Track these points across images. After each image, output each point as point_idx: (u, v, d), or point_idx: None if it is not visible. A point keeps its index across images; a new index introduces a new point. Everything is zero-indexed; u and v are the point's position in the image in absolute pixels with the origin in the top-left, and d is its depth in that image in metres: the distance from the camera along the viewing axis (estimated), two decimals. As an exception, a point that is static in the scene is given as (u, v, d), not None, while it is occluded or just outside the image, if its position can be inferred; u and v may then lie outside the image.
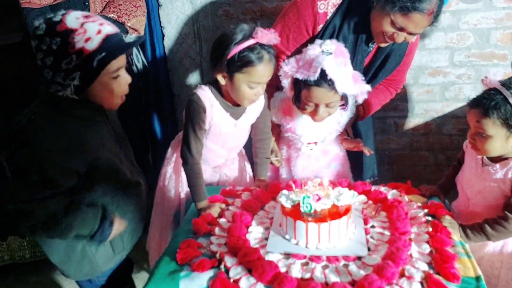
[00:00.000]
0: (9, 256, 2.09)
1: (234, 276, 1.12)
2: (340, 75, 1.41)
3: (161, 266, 1.21)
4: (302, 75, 1.43)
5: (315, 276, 1.12)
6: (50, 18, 1.10)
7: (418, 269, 1.12)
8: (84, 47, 1.07)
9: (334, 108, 1.53)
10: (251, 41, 1.37)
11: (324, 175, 1.69)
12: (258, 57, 1.36)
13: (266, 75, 1.42)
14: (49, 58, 1.08)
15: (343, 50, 1.49)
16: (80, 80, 1.09)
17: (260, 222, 1.38)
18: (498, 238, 1.29)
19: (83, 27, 1.08)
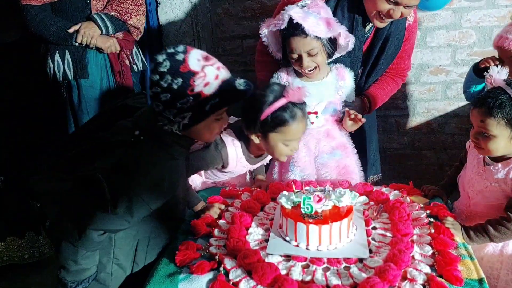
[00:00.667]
0: (8, 256, 2.08)
1: (234, 279, 1.11)
2: (308, 19, 1.47)
3: (160, 268, 1.19)
4: (274, 26, 1.54)
5: (316, 278, 1.10)
6: (173, 55, 1.08)
7: (421, 272, 1.10)
8: (202, 91, 1.07)
9: (319, 57, 1.57)
10: (283, 100, 1.35)
11: (327, 161, 1.66)
12: (291, 116, 1.36)
13: (300, 132, 1.42)
14: (166, 95, 1.07)
15: (320, 4, 1.55)
16: (189, 120, 1.10)
17: (260, 223, 1.36)
18: (501, 240, 1.27)
19: (204, 70, 1.08)
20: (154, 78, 1.08)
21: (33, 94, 2.23)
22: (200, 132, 1.17)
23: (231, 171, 1.56)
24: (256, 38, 2.20)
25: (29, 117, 2.22)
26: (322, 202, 1.24)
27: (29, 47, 2.78)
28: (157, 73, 1.07)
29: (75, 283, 1.16)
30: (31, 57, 2.63)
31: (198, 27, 2.30)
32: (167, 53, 1.08)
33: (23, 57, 2.69)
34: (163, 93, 1.07)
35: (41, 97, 2.20)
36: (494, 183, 1.29)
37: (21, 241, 2.07)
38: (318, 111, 1.67)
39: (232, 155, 1.48)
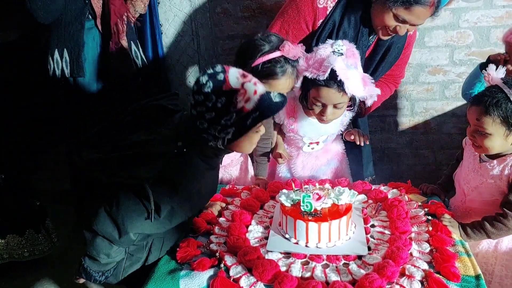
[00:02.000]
0: (8, 254, 2.07)
1: (235, 275, 1.12)
2: (350, 77, 1.40)
3: (161, 265, 1.20)
4: (311, 74, 1.42)
5: (316, 275, 1.12)
6: (214, 76, 1.11)
7: (419, 268, 1.12)
8: (244, 106, 1.11)
9: (342, 110, 1.51)
10: (277, 53, 1.36)
11: (324, 173, 1.68)
12: (282, 70, 1.37)
13: (286, 88, 1.42)
14: (211, 113, 1.11)
15: (354, 52, 1.48)
16: (232, 135, 1.14)
17: (260, 221, 1.38)
18: (498, 236, 1.28)
19: (244, 87, 1.11)
20: (199, 98, 1.11)
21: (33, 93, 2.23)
22: (241, 145, 1.21)
23: None
24: (255, 37, 2.21)
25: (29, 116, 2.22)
26: (321, 200, 1.25)
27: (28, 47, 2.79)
28: (202, 94, 1.10)
29: (99, 274, 1.21)
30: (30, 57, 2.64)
31: (197, 26, 2.30)
32: (208, 74, 1.11)
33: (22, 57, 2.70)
34: (208, 112, 1.11)
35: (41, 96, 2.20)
36: (490, 179, 1.31)
37: (21, 239, 2.07)
38: (320, 141, 1.70)
39: None
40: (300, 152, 1.73)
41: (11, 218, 2.03)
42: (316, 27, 1.65)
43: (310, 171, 1.72)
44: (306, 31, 1.67)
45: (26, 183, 2.09)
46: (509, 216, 1.24)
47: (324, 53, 1.44)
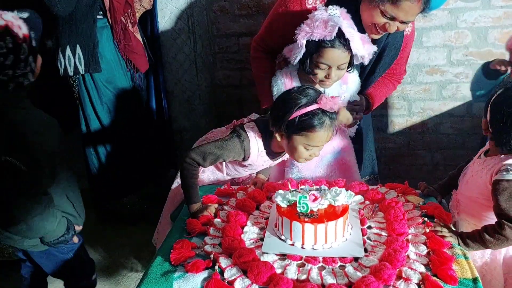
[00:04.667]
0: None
1: (229, 277, 1.10)
2: (354, 35, 1.46)
3: (154, 267, 1.18)
4: (318, 36, 1.45)
5: (311, 277, 1.10)
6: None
7: (416, 271, 1.10)
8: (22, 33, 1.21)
9: (343, 71, 1.57)
10: (315, 106, 1.35)
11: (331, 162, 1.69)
12: (319, 123, 1.35)
13: (324, 140, 1.40)
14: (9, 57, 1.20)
15: (347, 14, 1.52)
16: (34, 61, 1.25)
17: (255, 222, 1.36)
18: (498, 246, 1.24)
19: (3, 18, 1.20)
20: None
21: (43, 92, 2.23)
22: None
23: (252, 164, 1.53)
24: (252, 36, 2.20)
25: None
26: (317, 201, 1.23)
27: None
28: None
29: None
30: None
31: (194, 24, 2.29)
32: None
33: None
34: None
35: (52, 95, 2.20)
36: (475, 176, 1.32)
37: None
38: None
39: (253, 147, 1.47)
40: None
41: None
42: None
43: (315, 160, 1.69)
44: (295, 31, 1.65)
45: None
46: (505, 226, 1.19)
47: (322, 16, 1.47)
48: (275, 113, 1.41)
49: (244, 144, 1.46)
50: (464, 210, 1.38)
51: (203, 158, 1.44)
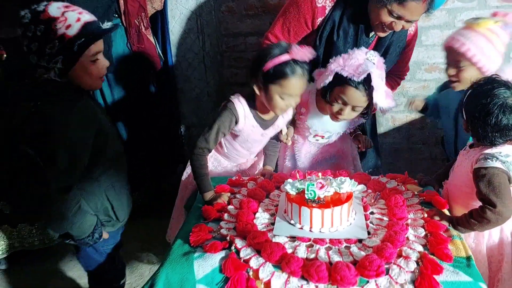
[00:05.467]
0: (19, 243, 2.15)
1: (245, 257, 1.21)
2: (380, 86, 1.53)
3: (175, 249, 1.29)
4: (347, 73, 1.51)
5: (320, 256, 1.20)
6: (35, 8, 1.21)
7: (414, 250, 1.21)
8: (65, 33, 1.19)
9: (357, 113, 1.62)
10: (286, 56, 1.46)
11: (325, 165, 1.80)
12: (291, 70, 1.46)
13: (298, 88, 1.51)
14: (35, 44, 1.19)
15: (383, 65, 1.59)
16: (62, 64, 1.21)
17: (266, 209, 1.46)
18: (482, 229, 1.35)
19: (64, 15, 1.21)
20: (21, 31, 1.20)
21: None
22: (80, 77, 1.27)
23: (242, 131, 1.63)
24: (258, 35, 2.30)
25: None
26: (324, 189, 1.33)
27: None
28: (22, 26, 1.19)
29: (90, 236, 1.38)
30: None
31: (202, 24, 2.39)
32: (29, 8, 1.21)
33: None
34: (31, 43, 1.19)
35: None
36: (461, 165, 1.42)
37: (32, 228, 2.14)
38: (325, 136, 1.80)
39: (239, 108, 1.58)
40: (306, 141, 1.83)
41: (23, 209, 2.10)
42: (315, 25, 1.74)
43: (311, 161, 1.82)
44: (306, 29, 1.76)
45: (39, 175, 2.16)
46: (486, 209, 1.28)
47: (359, 57, 1.53)
48: (252, 66, 1.54)
49: (231, 109, 1.58)
50: (452, 199, 1.47)
51: (206, 141, 1.57)
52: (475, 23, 1.52)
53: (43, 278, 2.13)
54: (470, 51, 1.50)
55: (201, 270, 1.19)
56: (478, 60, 1.51)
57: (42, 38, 1.18)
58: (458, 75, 1.57)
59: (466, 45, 1.51)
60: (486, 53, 1.50)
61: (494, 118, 1.29)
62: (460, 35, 1.54)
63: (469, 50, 1.50)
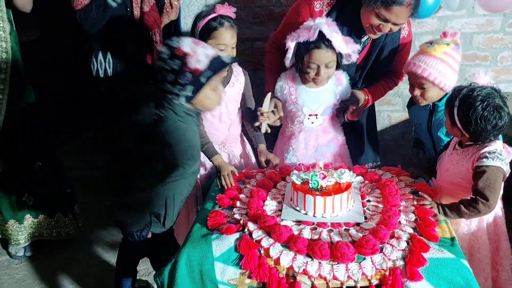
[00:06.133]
0: (38, 232, 2.29)
1: (257, 237, 1.37)
2: (334, 36, 1.73)
3: (195, 231, 1.45)
4: (303, 38, 1.74)
5: (322, 237, 1.37)
6: (170, 45, 1.41)
7: (405, 232, 1.37)
8: (197, 67, 1.40)
9: (332, 69, 1.82)
10: (212, 14, 1.78)
11: (323, 154, 1.95)
12: (219, 23, 1.77)
13: (230, 37, 1.80)
14: (171, 75, 1.40)
15: (332, 23, 1.79)
16: (192, 92, 1.43)
17: (274, 197, 1.63)
18: (470, 217, 1.52)
19: (195, 51, 1.40)
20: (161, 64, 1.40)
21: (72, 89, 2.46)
22: (202, 101, 1.48)
23: None
24: (264, 40, 2.45)
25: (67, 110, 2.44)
26: (326, 179, 1.50)
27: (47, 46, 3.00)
28: (161, 60, 1.40)
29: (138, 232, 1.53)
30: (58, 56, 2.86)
31: (212, 30, 2.55)
32: (165, 44, 1.43)
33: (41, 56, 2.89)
34: (168, 74, 1.39)
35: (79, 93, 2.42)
36: (456, 164, 1.57)
37: (51, 220, 2.29)
38: (318, 113, 1.94)
39: None
40: (302, 128, 1.96)
41: (44, 201, 2.26)
42: None
43: (311, 150, 1.97)
44: None
45: (60, 170, 2.32)
46: (479, 202, 1.45)
47: (309, 24, 1.76)
48: (191, 31, 1.84)
49: None
50: (446, 193, 1.62)
51: None
52: (431, 48, 1.70)
53: (65, 265, 2.28)
54: (431, 75, 1.69)
55: (218, 249, 1.35)
56: (440, 82, 1.70)
57: (177, 71, 1.38)
58: (423, 94, 1.76)
59: (427, 70, 1.69)
60: (445, 74, 1.70)
61: (493, 120, 1.45)
62: (420, 61, 1.71)
63: (431, 74, 1.69)
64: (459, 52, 1.75)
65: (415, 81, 1.76)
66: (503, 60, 2.55)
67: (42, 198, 2.26)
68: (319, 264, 1.28)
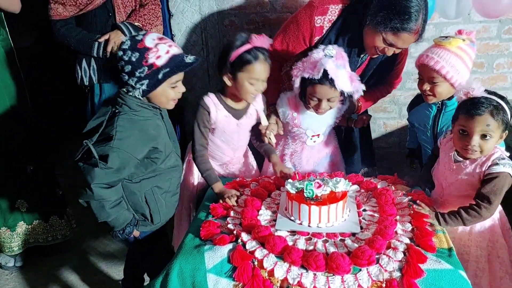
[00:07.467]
0: (33, 239, 2.25)
1: (250, 248, 1.34)
2: (339, 75, 1.68)
3: (187, 242, 1.42)
4: (308, 74, 1.70)
5: (317, 248, 1.34)
6: (135, 37, 1.42)
7: (402, 242, 1.35)
8: (155, 62, 1.39)
9: (335, 103, 1.80)
10: (248, 45, 1.67)
11: (323, 165, 1.95)
12: (254, 57, 1.67)
13: (263, 72, 1.71)
14: (128, 66, 1.40)
15: (343, 54, 1.75)
16: (147, 86, 1.42)
17: (268, 206, 1.60)
18: (471, 223, 1.49)
19: (157, 47, 1.40)
20: (119, 54, 1.40)
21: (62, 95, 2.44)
22: (158, 97, 1.48)
23: (216, 121, 1.80)
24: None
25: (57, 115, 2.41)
26: (321, 188, 1.48)
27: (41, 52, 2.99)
28: (121, 50, 1.40)
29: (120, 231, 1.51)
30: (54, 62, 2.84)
31: (207, 37, 2.54)
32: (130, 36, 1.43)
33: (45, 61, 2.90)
34: (126, 65, 1.40)
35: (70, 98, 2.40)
36: (464, 176, 1.52)
37: (46, 225, 2.26)
38: (320, 133, 1.94)
39: (208, 102, 1.79)
40: (304, 146, 1.97)
41: (38, 206, 2.23)
42: (313, 43, 1.89)
43: (312, 165, 1.97)
44: (303, 45, 1.91)
45: (51, 174, 2.29)
46: (482, 206, 1.44)
47: (317, 56, 1.71)
48: (220, 60, 1.74)
49: (202, 105, 1.79)
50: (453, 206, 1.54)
51: (195, 141, 1.78)
52: (446, 42, 1.65)
53: (57, 275, 2.24)
54: (444, 69, 1.63)
55: (211, 261, 1.32)
56: (451, 77, 1.64)
57: (135, 63, 1.39)
58: (432, 89, 1.70)
59: (440, 63, 1.63)
60: (457, 70, 1.64)
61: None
62: (433, 54, 1.66)
63: (443, 67, 1.63)
64: (474, 50, 1.70)
65: (425, 75, 1.71)
66: (499, 67, 2.55)
67: (36, 202, 2.23)
68: (314, 276, 1.25)
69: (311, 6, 1.87)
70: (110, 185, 1.42)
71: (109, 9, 2.08)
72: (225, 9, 2.50)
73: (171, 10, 2.47)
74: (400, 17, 1.66)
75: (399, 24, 1.67)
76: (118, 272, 2.21)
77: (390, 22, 1.68)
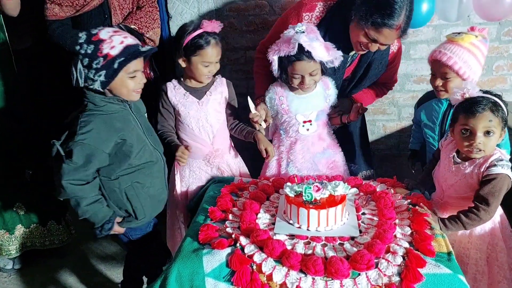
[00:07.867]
0: (30, 242, 2.25)
1: (249, 252, 1.34)
2: (314, 46, 1.72)
3: (185, 246, 1.42)
4: (283, 52, 1.74)
5: (316, 252, 1.34)
6: (90, 31, 1.46)
7: (401, 246, 1.35)
8: (109, 53, 1.43)
9: (318, 76, 1.82)
10: (199, 30, 1.77)
11: (320, 159, 1.94)
12: (205, 41, 1.76)
13: (215, 55, 1.81)
14: (85, 59, 1.45)
15: (313, 28, 1.78)
16: (105, 77, 1.45)
17: (267, 210, 1.60)
18: (472, 226, 1.49)
19: (111, 38, 1.45)
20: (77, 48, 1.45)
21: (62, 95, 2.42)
22: (118, 88, 1.50)
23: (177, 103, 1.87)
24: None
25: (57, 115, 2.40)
26: (320, 191, 1.47)
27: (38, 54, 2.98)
28: (78, 44, 1.45)
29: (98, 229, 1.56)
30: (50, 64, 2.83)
31: (206, 38, 2.53)
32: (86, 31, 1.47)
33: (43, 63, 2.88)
34: (83, 58, 1.44)
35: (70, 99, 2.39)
36: (463, 178, 1.52)
37: (43, 229, 2.25)
38: (311, 119, 1.92)
39: (168, 84, 1.89)
40: (298, 137, 1.94)
41: (36, 210, 2.22)
42: None
43: (309, 158, 1.94)
44: None
45: (50, 179, 2.27)
46: (480, 208, 1.43)
47: (289, 34, 1.75)
48: (175, 45, 1.82)
49: (162, 87, 1.90)
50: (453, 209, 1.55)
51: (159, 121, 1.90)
52: (459, 38, 1.65)
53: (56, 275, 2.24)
54: (456, 64, 1.64)
55: (209, 265, 1.32)
56: (464, 73, 1.65)
57: (90, 55, 1.43)
58: (445, 85, 1.70)
59: (453, 58, 1.64)
60: (470, 65, 1.64)
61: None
62: (446, 49, 1.67)
63: (456, 63, 1.64)
64: (487, 46, 1.69)
65: (438, 70, 1.71)
66: (498, 69, 2.55)
67: (34, 206, 2.22)
68: (312, 280, 1.25)
69: (300, 3, 1.91)
70: (84, 181, 1.46)
71: (106, 11, 2.07)
72: (224, 11, 2.49)
73: (169, 12, 2.46)
74: (382, 12, 1.68)
75: (380, 19, 1.68)
76: (117, 274, 2.20)
77: (371, 17, 1.69)
